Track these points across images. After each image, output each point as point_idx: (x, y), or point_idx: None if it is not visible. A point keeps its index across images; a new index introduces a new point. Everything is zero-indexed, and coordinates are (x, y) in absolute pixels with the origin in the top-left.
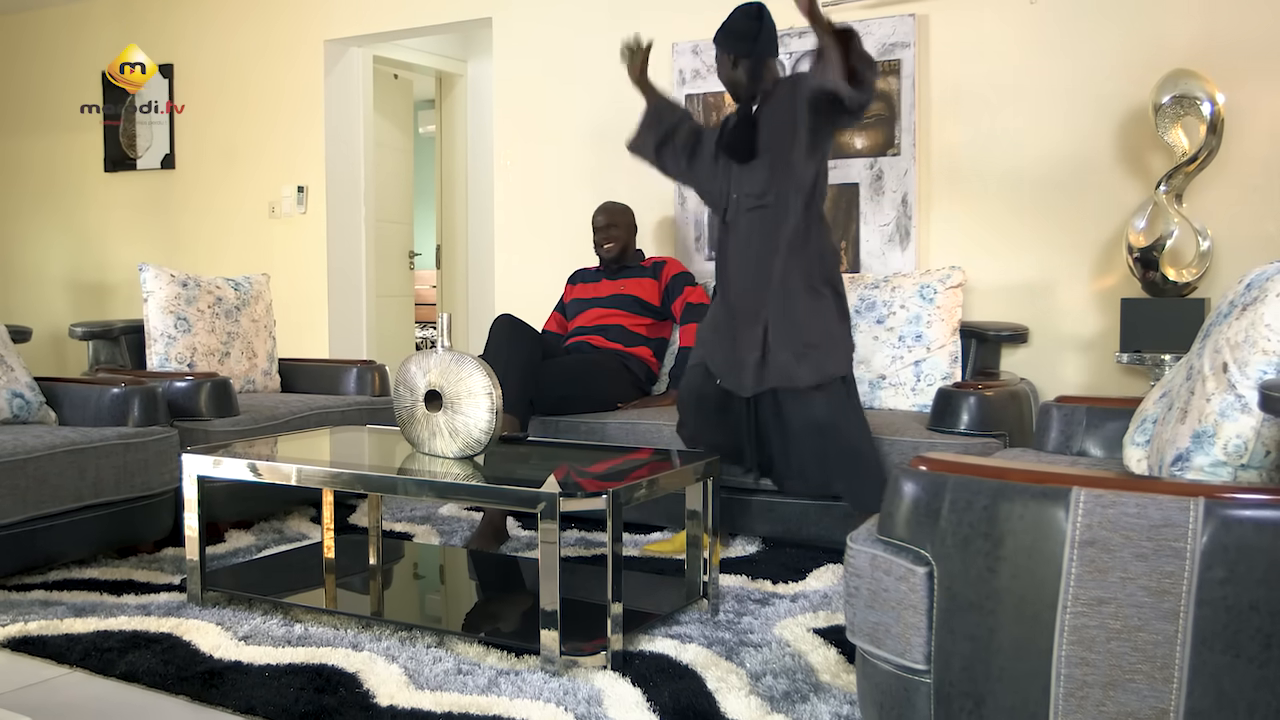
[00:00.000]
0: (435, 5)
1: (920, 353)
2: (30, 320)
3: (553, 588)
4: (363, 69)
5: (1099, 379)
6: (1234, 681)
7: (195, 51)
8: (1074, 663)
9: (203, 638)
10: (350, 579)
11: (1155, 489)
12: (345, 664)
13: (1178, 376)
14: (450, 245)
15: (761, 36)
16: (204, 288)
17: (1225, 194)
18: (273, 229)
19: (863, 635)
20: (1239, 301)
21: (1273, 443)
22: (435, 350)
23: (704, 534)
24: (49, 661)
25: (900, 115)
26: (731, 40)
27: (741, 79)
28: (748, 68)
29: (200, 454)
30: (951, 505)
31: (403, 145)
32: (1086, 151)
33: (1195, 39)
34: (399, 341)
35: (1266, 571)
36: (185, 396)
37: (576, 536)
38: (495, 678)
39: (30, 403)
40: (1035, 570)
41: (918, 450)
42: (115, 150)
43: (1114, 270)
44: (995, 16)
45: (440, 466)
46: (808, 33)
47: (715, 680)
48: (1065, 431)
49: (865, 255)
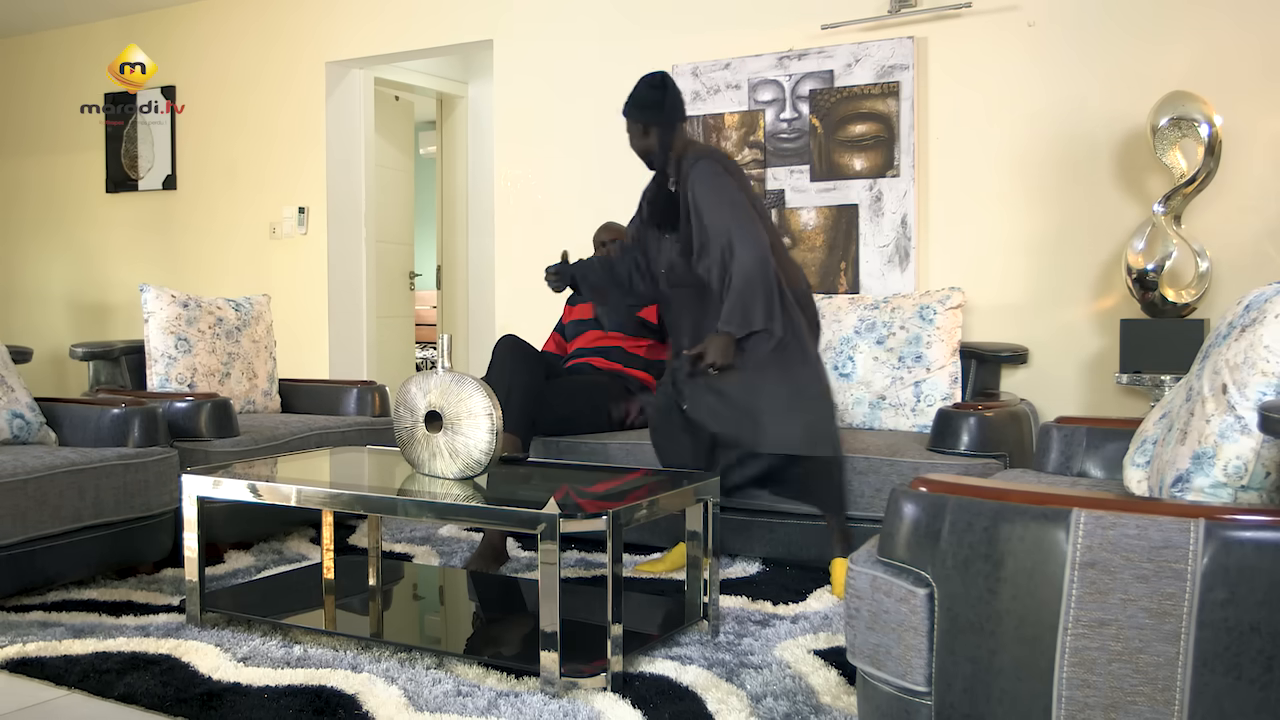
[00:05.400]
0: (437, 28)
1: (920, 373)
2: (31, 341)
3: (553, 609)
4: (364, 91)
5: (1099, 399)
6: (1235, 703)
7: (197, 73)
8: (1075, 684)
9: (202, 659)
10: (350, 600)
11: (1156, 510)
12: (345, 685)
13: (1177, 397)
14: (451, 266)
15: (666, 104)
16: (205, 308)
17: (1224, 215)
18: (274, 249)
19: (863, 657)
20: (1238, 323)
21: (1273, 464)
22: (436, 371)
23: (704, 555)
24: (47, 683)
25: (899, 137)
26: (639, 110)
27: (653, 146)
28: (658, 135)
29: (200, 475)
30: (952, 527)
31: (403, 166)
32: (1085, 173)
33: (1193, 61)
34: (399, 362)
35: (1267, 593)
36: (185, 417)
37: (576, 557)
38: (495, 699)
39: (30, 423)
40: (1036, 592)
41: (918, 471)
42: (117, 171)
43: (1113, 291)
44: (993, 39)
45: (440, 487)
46: (806, 55)
47: (716, 702)
48: (1065, 452)
49: (865, 276)
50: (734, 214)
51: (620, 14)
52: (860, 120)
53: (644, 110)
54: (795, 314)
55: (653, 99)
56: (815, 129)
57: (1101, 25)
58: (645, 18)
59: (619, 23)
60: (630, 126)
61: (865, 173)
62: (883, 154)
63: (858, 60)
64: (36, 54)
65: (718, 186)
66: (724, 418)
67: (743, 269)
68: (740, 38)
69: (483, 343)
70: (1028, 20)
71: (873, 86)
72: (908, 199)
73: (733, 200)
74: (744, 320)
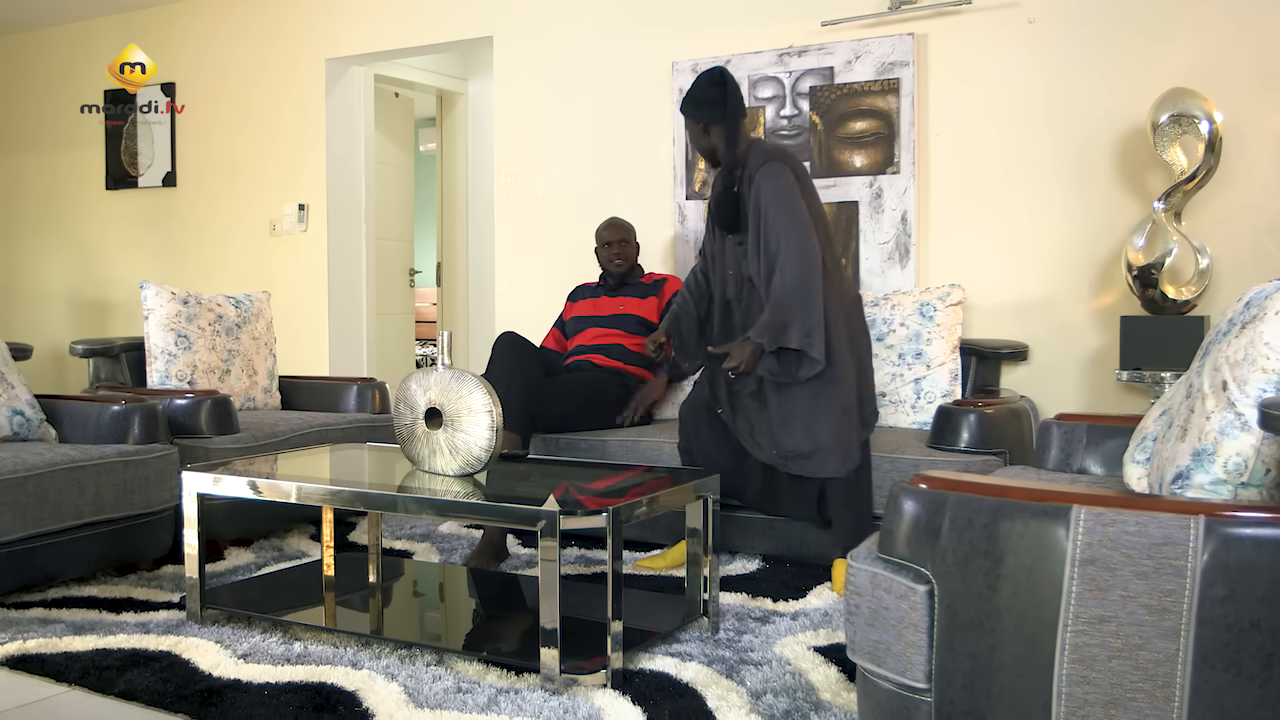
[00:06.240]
0: (436, 25)
1: (920, 370)
2: (31, 338)
3: (552, 606)
4: (364, 87)
5: (1099, 396)
6: (1235, 700)
7: (197, 70)
8: (1075, 681)
9: (202, 656)
10: (350, 597)
11: (1156, 507)
12: (345, 682)
13: (1177, 394)
14: (450, 263)
15: (729, 101)
16: (205, 305)
17: (1224, 212)
18: (274, 246)
19: (863, 654)
20: (1238, 320)
21: (1273, 461)
22: (436, 368)
23: (704, 552)
24: (48, 680)
25: (899, 134)
26: (701, 109)
27: (717, 144)
28: (721, 133)
29: (200, 471)
30: (952, 523)
31: (403, 163)
32: (1085, 170)
33: (1193, 58)
34: (399, 359)
35: (1267, 590)
36: (185, 414)
37: (576, 554)
38: (495, 696)
39: (30, 420)
40: (1036, 588)
41: (918, 468)
42: (117, 168)
43: (1113, 288)
44: (994, 36)
45: (440, 484)
46: (806, 51)
47: (716, 699)
48: (1065, 449)
49: (865, 273)
50: (792, 224)
51: (620, 10)
52: (860, 117)
53: (704, 109)
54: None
55: (713, 96)
56: (815, 126)
57: (1102, 22)
58: (645, 14)
59: (619, 19)
60: (690, 125)
61: (865, 169)
62: (883, 151)
63: (858, 57)
64: (36, 51)
65: (784, 192)
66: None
67: (785, 284)
68: (740, 34)
69: (483, 339)
70: (1028, 17)
71: (873, 83)
72: (908, 196)
73: (794, 211)
74: (775, 336)
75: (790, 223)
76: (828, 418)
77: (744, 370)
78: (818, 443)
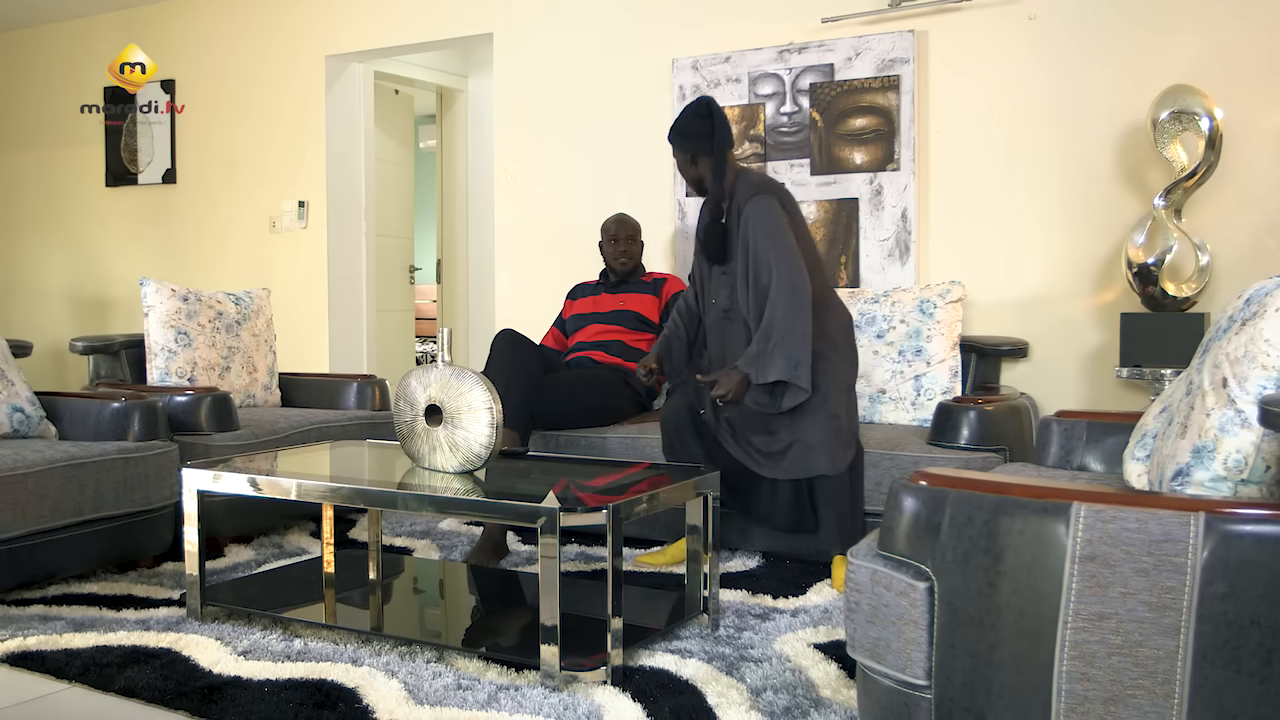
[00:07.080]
0: (436, 21)
1: (920, 367)
2: (31, 335)
3: (553, 602)
4: (364, 84)
5: (1099, 393)
6: (1235, 697)
7: (196, 66)
8: (1075, 678)
9: (202, 653)
10: (350, 594)
11: (1156, 504)
12: (345, 679)
13: (1177, 391)
14: (451, 260)
15: (715, 132)
16: (205, 302)
17: (1224, 209)
18: (273, 243)
19: (863, 650)
20: (1238, 316)
21: (1273, 458)
22: (436, 365)
23: (704, 549)
24: (48, 677)
25: (900, 130)
26: (688, 140)
27: (704, 175)
28: (708, 164)
29: (200, 469)
30: (952, 520)
31: (403, 160)
32: (1085, 167)
33: (1194, 55)
34: (399, 356)
35: (1267, 586)
36: (185, 411)
37: (576, 551)
38: (495, 693)
39: (30, 417)
40: (1036, 585)
41: (918, 465)
42: (116, 165)
43: (1113, 285)
44: (994, 32)
45: (440, 481)
46: (806, 48)
47: (716, 695)
48: (1065, 446)
49: (865, 270)
50: (782, 257)
51: (620, 7)
52: (860, 114)
53: (692, 140)
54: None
55: (700, 128)
56: (815, 122)
57: (1102, 18)
58: (645, 11)
59: (619, 16)
60: (677, 155)
61: (865, 166)
62: (883, 148)
63: (858, 54)
64: (36, 48)
65: (773, 225)
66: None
67: (774, 316)
68: (740, 31)
69: (483, 336)
70: (1028, 14)
71: (873, 80)
72: (908, 193)
73: (783, 244)
74: (761, 369)
75: (780, 255)
76: (815, 419)
77: (731, 399)
78: (805, 441)
